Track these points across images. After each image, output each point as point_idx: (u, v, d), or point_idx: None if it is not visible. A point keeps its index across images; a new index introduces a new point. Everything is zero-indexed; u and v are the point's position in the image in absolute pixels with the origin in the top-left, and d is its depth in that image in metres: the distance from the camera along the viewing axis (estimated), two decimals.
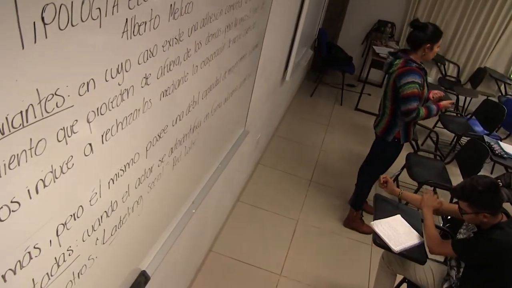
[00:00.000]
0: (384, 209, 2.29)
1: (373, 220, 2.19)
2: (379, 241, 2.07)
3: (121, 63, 0.81)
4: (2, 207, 0.59)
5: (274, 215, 3.09)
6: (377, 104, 3.10)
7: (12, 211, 0.61)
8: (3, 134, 0.54)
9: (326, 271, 2.70)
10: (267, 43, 2.13)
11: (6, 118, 0.54)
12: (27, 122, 0.59)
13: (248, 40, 1.74)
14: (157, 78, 0.99)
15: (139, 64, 0.88)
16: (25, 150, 0.60)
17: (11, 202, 0.60)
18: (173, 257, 1.76)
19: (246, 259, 2.65)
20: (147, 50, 0.90)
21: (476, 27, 5.26)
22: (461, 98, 5.08)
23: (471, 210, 1.77)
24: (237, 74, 1.73)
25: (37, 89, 0.59)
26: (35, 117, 0.60)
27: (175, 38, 1.03)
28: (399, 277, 2.31)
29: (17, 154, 0.59)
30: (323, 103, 5.17)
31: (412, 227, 2.18)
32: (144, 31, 0.86)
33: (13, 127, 0.56)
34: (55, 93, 0.64)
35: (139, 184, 1.08)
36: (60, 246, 0.79)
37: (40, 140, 0.63)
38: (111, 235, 1.01)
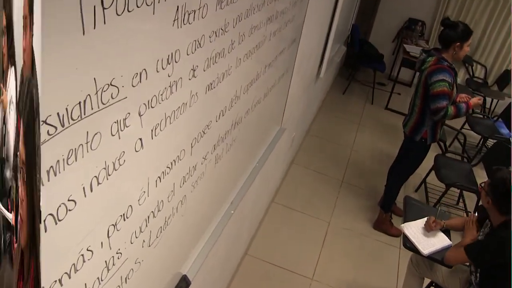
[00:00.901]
0: (413, 212, 2.27)
1: (403, 223, 2.17)
2: (409, 245, 2.04)
3: (171, 53, 0.77)
4: (60, 206, 0.54)
5: (306, 217, 3.02)
6: (407, 104, 3.01)
7: (69, 210, 0.56)
8: (63, 126, 0.50)
9: (355, 274, 2.64)
10: (304, 38, 2.06)
11: (66, 109, 0.50)
12: (84, 114, 0.54)
13: (287, 33, 1.68)
14: (204, 71, 0.94)
15: (187, 55, 0.83)
16: (81, 145, 0.56)
17: (68, 200, 0.56)
18: (211, 260, 1.71)
19: (279, 263, 2.59)
20: (195, 40, 0.85)
21: (504, 28, 5.07)
22: (488, 99, 4.94)
23: (486, 187, 1.82)
24: (276, 69, 1.66)
25: (94, 79, 0.55)
26: (92, 109, 0.56)
27: (221, 29, 0.97)
28: (427, 281, 2.27)
29: (75, 149, 0.54)
30: (355, 101, 5.05)
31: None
32: (193, 20, 0.81)
33: (72, 119, 0.51)
34: (110, 83, 0.59)
35: (183, 183, 1.03)
36: (111, 248, 0.74)
37: (96, 133, 0.59)
38: (157, 237, 0.97)
